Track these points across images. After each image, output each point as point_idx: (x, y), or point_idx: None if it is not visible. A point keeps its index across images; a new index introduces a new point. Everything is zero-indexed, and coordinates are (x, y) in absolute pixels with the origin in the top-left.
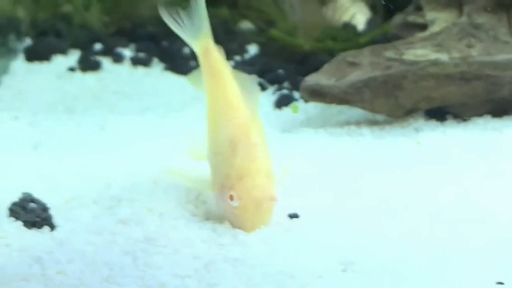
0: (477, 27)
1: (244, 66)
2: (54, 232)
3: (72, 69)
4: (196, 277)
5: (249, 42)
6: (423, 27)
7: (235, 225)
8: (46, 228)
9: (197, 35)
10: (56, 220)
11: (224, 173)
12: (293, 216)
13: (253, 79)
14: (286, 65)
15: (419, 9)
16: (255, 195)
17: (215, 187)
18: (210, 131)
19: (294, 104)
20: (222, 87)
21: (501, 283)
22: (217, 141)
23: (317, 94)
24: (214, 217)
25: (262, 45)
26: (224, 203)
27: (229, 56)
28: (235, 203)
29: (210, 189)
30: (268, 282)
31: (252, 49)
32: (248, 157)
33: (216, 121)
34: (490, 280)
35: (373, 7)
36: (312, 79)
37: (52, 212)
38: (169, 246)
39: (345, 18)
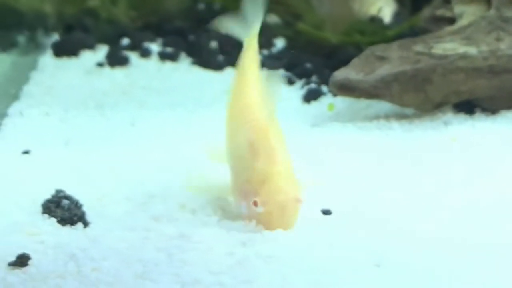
0: (505, 20)
1: (272, 60)
2: (88, 229)
3: (100, 65)
4: (231, 273)
5: (276, 36)
6: (452, 20)
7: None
8: (79, 225)
9: (247, 33)
10: (89, 216)
11: (245, 177)
12: (326, 212)
13: (277, 77)
14: (314, 58)
15: (447, 2)
16: (279, 199)
17: (235, 191)
18: (229, 133)
19: (331, 103)
20: (245, 88)
21: None
22: (236, 144)
23: (346, 89)
24: None
25: (289, 39)
26: (248, 209)
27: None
28: (259, 209)
29: (230, 193)
30: (302, 278)
31: (280, 43)
32: (269, 161)
33: (235, 123)
34: None
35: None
36: (341, 74)
37: (85, 208)
38: (202, 243)
39: (372, 11)
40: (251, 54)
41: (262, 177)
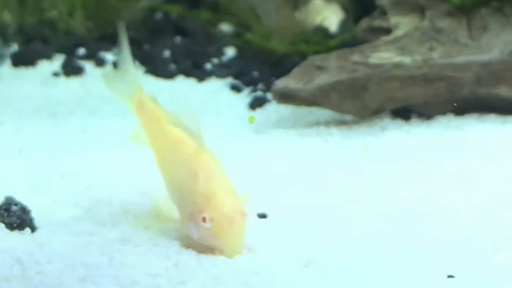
0: (438, 30)
1: (221, 69)
2: (35, 234)
3: (56, 74)
4: (167, 275)
5: (227, 45)
6: (388, 31)
7: (214, 249)
8: (27, 230)
9: (130, 91)
10: (37, 222)
11: (190, 201)
12: (262, 216)
13: (193, 111)
14: (261, 67)
15: (384, 13)
16: (227, 211)
17: (184, 220)
18: (166, 174)
19: (251, 116)
20: (164, 130)
21: (451, 276)
22: (176, 178)
23: (286, 97)
24: None
25: (239, 48)
26: (198, 230)
27: (207, 59)
28: (208, 224)
29: (180, 225)
30: (234, 279)
31: (230, 52)
32: (210, 178)
33: (169, 161)
34: (443, 274)
35: (345, 8)
36: (281, 83)
37: (34, 214)
38: (142, 246)
39: (317, 21)
40: (150, 103)
41: (206, 194)
